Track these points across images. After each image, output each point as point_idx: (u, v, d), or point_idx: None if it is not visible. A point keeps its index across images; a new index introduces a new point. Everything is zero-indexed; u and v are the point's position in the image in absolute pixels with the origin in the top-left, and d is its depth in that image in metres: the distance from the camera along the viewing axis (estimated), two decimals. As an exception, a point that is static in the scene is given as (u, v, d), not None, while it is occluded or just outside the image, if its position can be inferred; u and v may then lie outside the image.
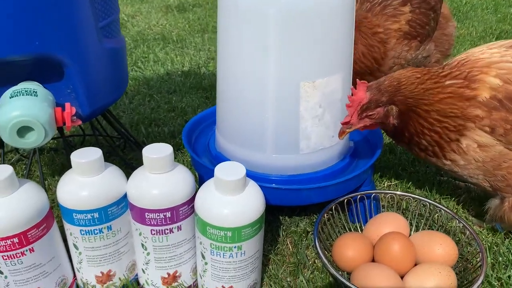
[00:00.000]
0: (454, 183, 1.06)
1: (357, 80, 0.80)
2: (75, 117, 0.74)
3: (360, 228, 0.90)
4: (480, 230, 0.91)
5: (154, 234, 0.70)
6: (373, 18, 1.14)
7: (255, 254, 0.70)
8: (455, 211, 0.91)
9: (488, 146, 0.78)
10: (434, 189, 1.03)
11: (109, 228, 0.70)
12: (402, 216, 0.86)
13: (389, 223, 0.83)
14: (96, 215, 0.68)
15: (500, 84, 0.76)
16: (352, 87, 0.80)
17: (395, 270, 0.75)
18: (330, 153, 0.86)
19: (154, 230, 0.69)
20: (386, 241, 0.78)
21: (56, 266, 0.71)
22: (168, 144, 0.70)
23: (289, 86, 0.78)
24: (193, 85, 1.59)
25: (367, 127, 0.83)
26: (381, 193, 0.93)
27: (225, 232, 0.65)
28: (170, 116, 1.38)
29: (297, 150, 0.83)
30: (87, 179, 0.68)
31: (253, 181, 0.70)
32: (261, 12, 0.73)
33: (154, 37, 2.10)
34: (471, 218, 0.96)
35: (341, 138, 0.82)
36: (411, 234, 0.85)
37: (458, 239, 0.84)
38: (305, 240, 0.89)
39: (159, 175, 0.68)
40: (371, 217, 0.89)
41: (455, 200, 1.00)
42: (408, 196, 0.91)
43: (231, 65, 0.82)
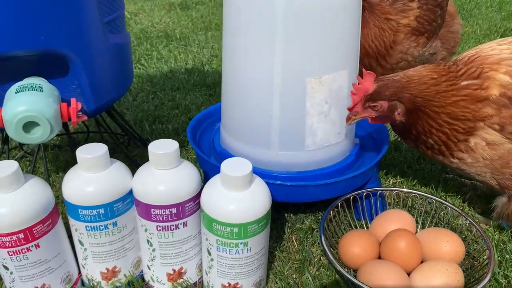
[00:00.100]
0: (460, 181, 1.05)
1: (363, 70, 0.79)
2: (81, 113, 0.73)
3: (366, 226, 0.89)
4: (487, 227, 0.91)
5: (159, 230, 0.69)
6: (386, 7, 1.15)
7: (261, 250, 0.70)
8: (461, 208, 0.90)
9: (496, 144, 0.77)
10: (440, 187, 1.02)
11: (115, 224, 0.70)
12: (408, 214, 0.85)
13: (395, 220, 0.83)
14: (101, 211, 0.68)
15: (510, 82, 0.75)
16: (358, 76, 0.80)
17: (402, 267, 0.74)
18: (336, 150, 0.86)
19: (159, 226, 0.69)
20: (392, 238, 0.77)
21: (62, 262, 0.71)
22: (174, 140, 0.69)
23: (295, 82, 0.77)
24: (196, 82, 1.58)
25: (375, 120, 0.82)
26: (387, 190, 0.93)
27: (232, 228, 0.65)
28: (174, 113, 1.38)
29: (303, 146, 0.82)
30: (92, 175, 0.67)
31: (259, 177, 0.70)
32: (267, 8, 0.73)
33: (157, 34, 2.10)
34: (477, 215, 0.95)
35: (348, 124, 0.83)
36: (417, 232, 0.85)
37: (464, 237, 0.83)
38: (311, 237, 0.88)
39: (165, 171, 0.68)
40: (377, 215, 0.88)
41: (461, 198, 1.00)
42: (414, 193, 0.90)
43: (236, 62, 0.82)
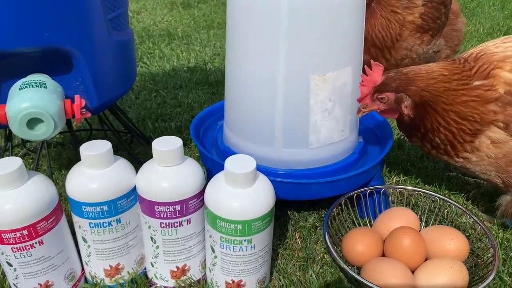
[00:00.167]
0: (463, 179, 1.05)
1: (371, 61, 0.79)
2: (85, 110, 0.73)
3: (369, 223, 0.89)
4: (491, 226, 0.91)
5: (163, 227, 0.69)
6: (392, 0, 1.16)
7: (265, 247, 0.70)
8: (465, 207, 0.90)
9: (501, 142, 0.77)
10: (444, 185, 1.02)
11: (118, 221, 0.70)
12: (412, 211, 0.85)
13: (399, 218, 0.83)
14: (105, 208, 0.67)
15: None
16: (367, 67, 0.80)
17: (406, 264, 0.74)
18: (340, 147, 0.86)
19: (163, 223, 0.69)
20: (396, 236, 0.77)
21: (65, 259, 0.71)
22: (177, 137, 0.69)
23: (299, 79, 0.77)
24: (199, 80, 1.58)
25: (384, 113, 0.82)
26: (391, 188, 0.92)
27: (236, 225, 0.65)
28: (177, 111, 1.37)
29: (307, 144, 0.82)
30: (96, 172, 0.67)
31: (263, 174, 0.70)
32: (272, 5, 0.73)
33: (160, 33, 2.10)
34: (480, 214, 0.95)
35: (358, 116, 0.84)
36: (421, 230, 0.85)
37: (468, 235, 0.83)
38: (314, 235, 0.88)
39: (169, 168, 0.68)
40: (380, 213, 0.88)
41: (465, 196, 0.99)
42: (418, 191, 0.90)
43: (240, 59, 0.81)
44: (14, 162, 0.63)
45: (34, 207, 0.63)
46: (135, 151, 1.14)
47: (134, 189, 0.70)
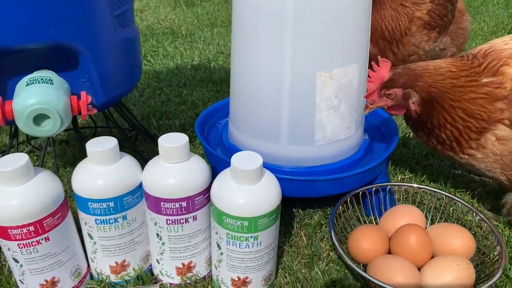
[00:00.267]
0: (468, 177, 1.04)
1: (378, 57, 0.79)
2: (91, 106, 0.73)
3: (375, 221, 0.89)
4: (497, 224, 0.90)
5: (169, 223, 0.69)
6: None
7: (271, 244, 0.70)
8: (470, 204, 0.90)
9: (507, 139, 0.77)
10: (449, 183, 1.02)
11: (124, 217, 0.70)
12: (418, 209, 0.85)
13: (405, 216, 0.82)
14: (111, 204, 0.67)
15: None
16: (374, 63, 0.79)
17: (412, 262, 0.74)
18: (346, 144, 0.85)
19: (169, 220, 0.69)
20: (403, 233, 0.77)
21: (71, 256, 0.71)
22: (183, 134, 0.69)
23: (305, 76, 0.77)
24: (203, 78, 1.58)
25: (391, 109, 0.82)
26: (396, 185, 0.92)
27: (242, 222, 0.65)
28: (181, 109, 1.37)
29: (312, 141, 0.82)
30: (102, 168, 0.67)
31: (269, 171, 0.70)
32: (278, 2, 0.72)
33: (163, 31, 2.10)
34: (486, 212, 0.95)
35: (366, 112, 0.84)
36: (426, 227, 0.84)
37: (474, 233, 0.83)
38: (319, 233, 0.88)
39: (175, 164, 0.68)
40: (385, 210, 0.88)
41: (470, 194, 0.99)
42: (423, 188, 0.90)
43: (246, 56, 0.81)
44: (20, 158, 0.63)
45: (40, 203, 0.63)
46: (139, 148, 1.14)
47: (140, 185, 0.70)
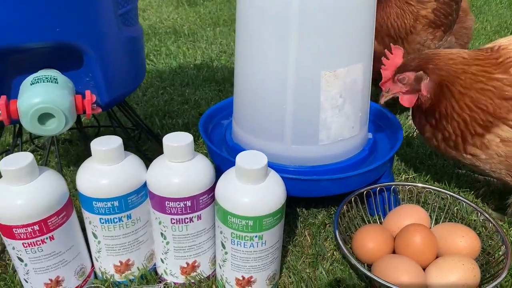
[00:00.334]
0: (473, 177, 1.04)
1: (391, 45, 0.80)
2: (95, 105, 0.73)
3: (379, 221, 0.89)
4: (501, 224, 0.90)
5: (174, 223, 0.69)
6: None
7: (275, 244, 0.70)
8: (475, 204, 0.89)
9: (511, 141, 0.77)
10: (453, 183, 1.02)
11: (129, 217, 0.69)
12: (422, 209, 0.85)
13: (409, 215, 0.82)
14: (116, 203, 0.67)
15: None
16: (387, 51, 0.80)
17: (417, 262, 0.73)
18: (350, 144, 0.85)
19: (174, 219, 0.69)
20: (407, 233, 0.76)
21: (75, 255, 0.71)
22: (188, 133, 0.69)
23: (309, 75, 0.76)
24: (205, 78, 1.58)
25: (404, 98, 0.84)
26: (401, 185, 0.92)
27: (247, 221, 0.65)
28: (184, 108, 1.37)
29: (317, 141, 0.82)
30: (107, 167, 0.67)
31: (273, 171, 0.70)
32: (283, 2, 0.72)
33: (166, 30, 2.10)
34: (490, 211, 0.94)
35: (382, 102, 0.86)
36: (431, 227, 0.84)
37: (479, 233, 0.83)
38: (324, 232, 0.88)
39: (180, 163, 0.68)
40: (390, 210, 0.87)
41: (474, 194, 0.99)
42: (428, 188, 0.90)
43: (250, 55, 0.81)
44: (25, 158, 0.63)
45: (45, 202, 0.63)
46: (143, 147, 1.14)
47: (145, 185, 0.70)
